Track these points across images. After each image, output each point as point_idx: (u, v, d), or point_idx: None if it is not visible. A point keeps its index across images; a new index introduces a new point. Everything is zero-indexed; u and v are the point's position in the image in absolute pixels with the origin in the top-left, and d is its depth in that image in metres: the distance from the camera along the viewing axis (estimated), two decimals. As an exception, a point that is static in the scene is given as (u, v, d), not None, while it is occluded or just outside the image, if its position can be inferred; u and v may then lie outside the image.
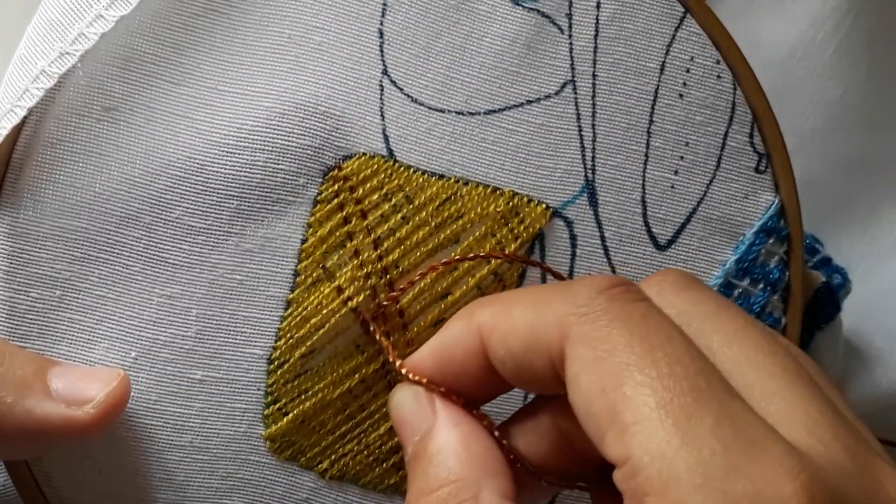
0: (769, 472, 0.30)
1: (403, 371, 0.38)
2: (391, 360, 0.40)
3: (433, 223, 0.41)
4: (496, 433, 0.37)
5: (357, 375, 0.42)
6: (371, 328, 0.41)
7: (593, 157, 0.42)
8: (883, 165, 0.54)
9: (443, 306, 0.42)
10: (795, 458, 0.31)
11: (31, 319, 0.39)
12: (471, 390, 0.38)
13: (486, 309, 0.37)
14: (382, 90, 0.41)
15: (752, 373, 0.34)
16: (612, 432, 0.32)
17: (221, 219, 0.40)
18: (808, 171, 0.52)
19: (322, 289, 0.41)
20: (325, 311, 0.41)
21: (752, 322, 0.36)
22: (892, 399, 0.51)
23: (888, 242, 0.54)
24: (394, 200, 0.41)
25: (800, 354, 0.37)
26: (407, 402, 0.38)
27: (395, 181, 0.41)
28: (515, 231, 0.42)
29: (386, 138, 0.41)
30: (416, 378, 0.38)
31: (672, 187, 0.43)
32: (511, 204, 0.42)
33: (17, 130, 0.39)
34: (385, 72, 0.41)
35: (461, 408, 0.38)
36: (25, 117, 0.38)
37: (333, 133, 0.40)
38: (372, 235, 0.41)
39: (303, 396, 0.41)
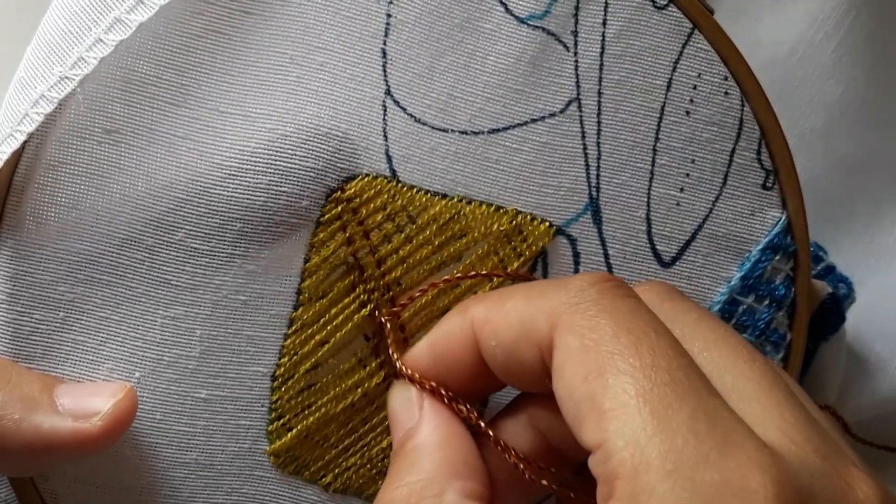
0: (739, 465, 0.31)
1: (398, 364, 0.39)
2: (391, 350, 0.41)
3: (436, 242, 0.41)
4: (482, 424, 0.38)
5: (360, 390, 0.42)
6: (383, 321, 0.41)
7: (598, 175, 0.42)
8: (883, 165, 0.53)
9: (445, 323, 0.42)
10: (766, 454, 0.32)
11: (35, 341, 0.40)
12: (464, 386, 0.39)
13: (481, 304, 0.38)
14: (385, 110, 0.40)
15: (730, 377, 0.35)
16: (591, 418, 0.33)
17: (225, 241, 0.40)
18: (808, 170, 0.52)
19: (326, 305, 0.41)
20: (329, 328, 0.41)
21: (733, 332, 0.37)
22: (892, 405, 0.51)
23: (888, 243, 0.53)
24: (397, 220, 0.41)
25: (777, 366, 0.39)
26: (398, 399, 0.39)
27: (399, 201, 0.41)
28: (518, 249, 0.42)
29: (389, 158, 0.41)
30: (408, 371, 0.39)
31: (677, 204, 0.43)
32: (514, 222, 0.42)
33: (19, 153, 0.38)
34: (388, 92, 0.40)
35: (448, 407, 0.38)
36: (27, 140, 0.38)
37: (336, 154, 0.40)
38: (375, 255, 0.41)
39: (306, 412, 0.42)
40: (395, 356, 0.40)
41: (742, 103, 0.42)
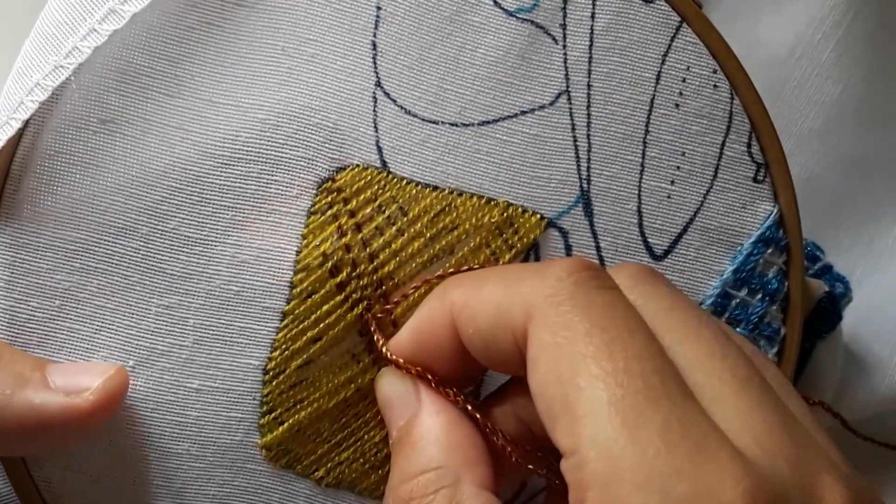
0: (712, 476, 0.31)
1: (384, 351, 0.40)
2: (376, 338, 0.41)
3: (427, 234, 0.42)
4: (469, 407, 0.38)
5: (352, 385, 0.42)
6: (369, 319, 0.42)
7: (588, 168, 0.42)
8: (882, 164, 0.53)
9: (438, 316, 0.42)
10: (739, 465, 0.31)
11: (31, 329, 0.40)
12: (448, 370, 0.39)
13: (459, 288, 0.38)
14: (376, 102, 0.41)
15: (702, 375, 0.34)
16: (564, 421, 0.33)
17: (217, 229, 0.40)
18: (807, 170, 0.52)
19: (318, 302, 0.41)
20: (321, 326, 0.41)
21: (707, 322, 0.36)
22: (890, 404, 0.50)
23: (887, 242, 0.53)
24: (388, 212, 0.41)
25: (754, 354, 0.37)
26: (394, 386, 0.40)
27: (389, 193, 0.41)
28: (510, 242, 0.42)
29: (379, 150, 0.41)
30: (394, 358, 0.39)
31: (668, 197, 0.43)
32: (505, 215, 0.42)
33: (16, 142, 0.39)
34: (378, 83, 0.41)
35: (440, 392, 0.39)
36: (24, 129, 0.39)
37: (327, 144, 0.41)
38: (367, 248, 0.41)
39: (298, 406, 0.42)
40: (382, 343, 0.40)
41: (731, 96, 0.43)
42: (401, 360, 0.39)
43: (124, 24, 0.38)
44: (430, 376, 0.39)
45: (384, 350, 0.40)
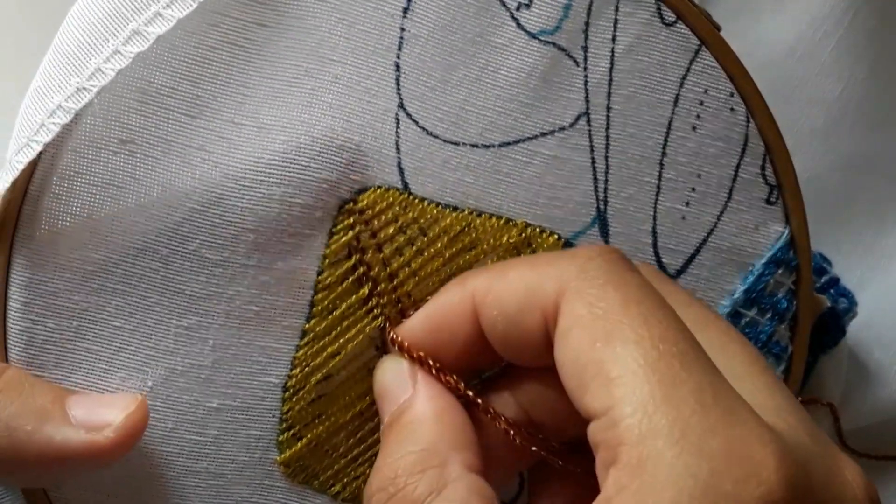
0: (744, 436, 0.32)
1: (390, 333, 0.40)
2: (387, 327, 0.41)
3: (447, 254, 0.42)
4: (470, 393, 0.39)
5: (368, 398, 0.42)
6: (386, 326, 0.42)
7: (606, 189, 0.43)
8: (883, 164, 0.53)
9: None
10: (767, 430, 0.33)
11: (49, 349, 0.40)
12: (458, 361, 0.39)
13: (481, 275, 0.39)
14: (398, 123, 0.41)
15: (722, 358, 0.35)
16: (596, 383, 0.33)
17: (238, 252, 0.40)
18: (808, 170, 0.51)
19: (338, 318, 0.41)
20: (341, 341, 0.41)
21: (722, 317, 0.38)
22: (890, 412, 0.51)
23: (889, 243, 0.53)
24: (408, 233, 0.41)
25: None
26: (390, 373, 0.40)
27: (410, 213, 0.41)
28: (528, 261, 0.42)
29: (401, 171, 0.41)
30: (399, 339, 0.40)
31: (683, 218, 0.43)
32: (524, 235, 0.42)
33: (34, 162, 0.39)
34: (401, 105, 0.41)
35: (439, 378, 0.39)
36: (42, 149, 0.38)
37: (349, 166, 0.40)
38: (387, 268, 0.41)
39: (316, 421, 0.42)
40: (390, 328, 0.40)
41: (747, 119, 0.43)
42: (405, 343, 0.39)
43: (147, 46, 0.38)
44: (431, 362, 0.39)
45: (391, 333, 0.40)
